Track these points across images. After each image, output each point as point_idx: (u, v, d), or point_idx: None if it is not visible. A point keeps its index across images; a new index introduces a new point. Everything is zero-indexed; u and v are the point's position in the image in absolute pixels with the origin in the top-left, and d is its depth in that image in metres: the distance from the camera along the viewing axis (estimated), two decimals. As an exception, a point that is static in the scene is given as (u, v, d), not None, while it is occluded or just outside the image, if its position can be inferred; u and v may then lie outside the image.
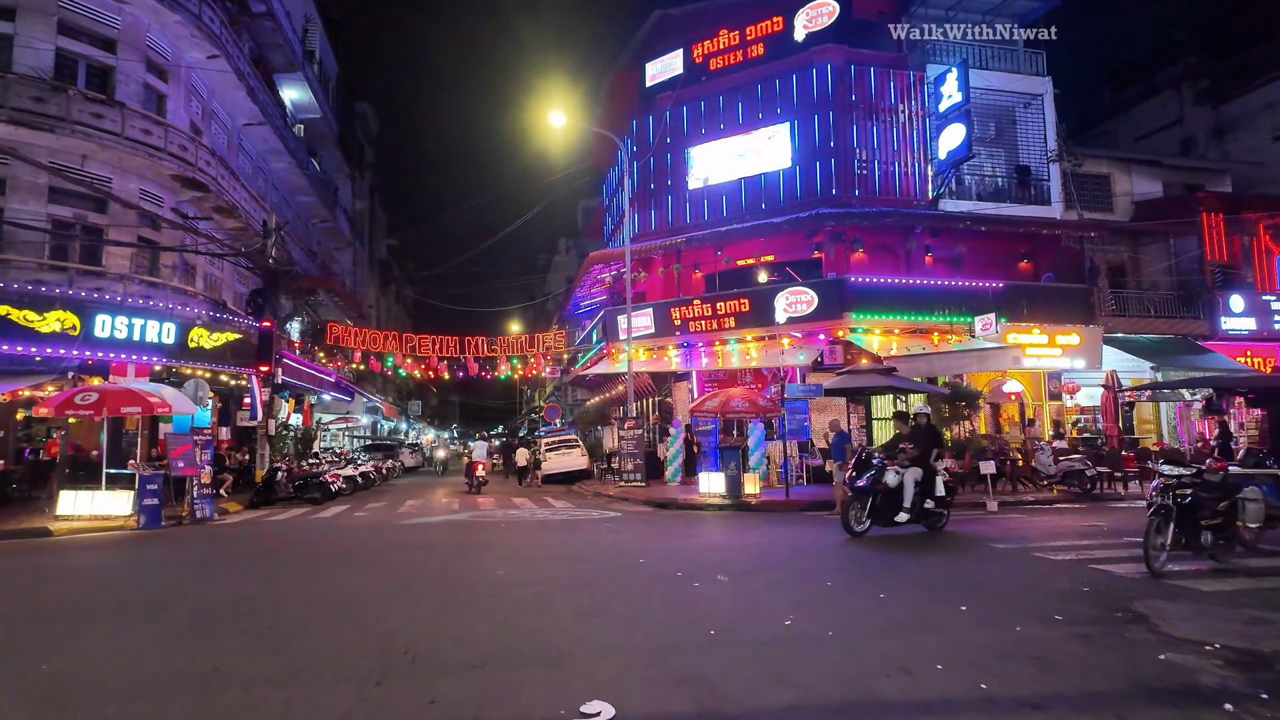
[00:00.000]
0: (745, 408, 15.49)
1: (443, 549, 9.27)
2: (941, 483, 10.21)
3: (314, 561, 8.66)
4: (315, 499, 17.95)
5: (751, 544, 9.40)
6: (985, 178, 22.10)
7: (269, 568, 8.24)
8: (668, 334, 21.16)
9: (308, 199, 32.58)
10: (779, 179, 21.50)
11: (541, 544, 9.65)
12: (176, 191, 19.92)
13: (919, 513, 9.78)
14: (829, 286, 18.89)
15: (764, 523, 12.11)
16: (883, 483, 9.53)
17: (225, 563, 8.70)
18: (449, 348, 22.55)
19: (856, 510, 9.64)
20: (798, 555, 8.40)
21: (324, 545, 10.16)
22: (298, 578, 7.54)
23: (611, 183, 30.28)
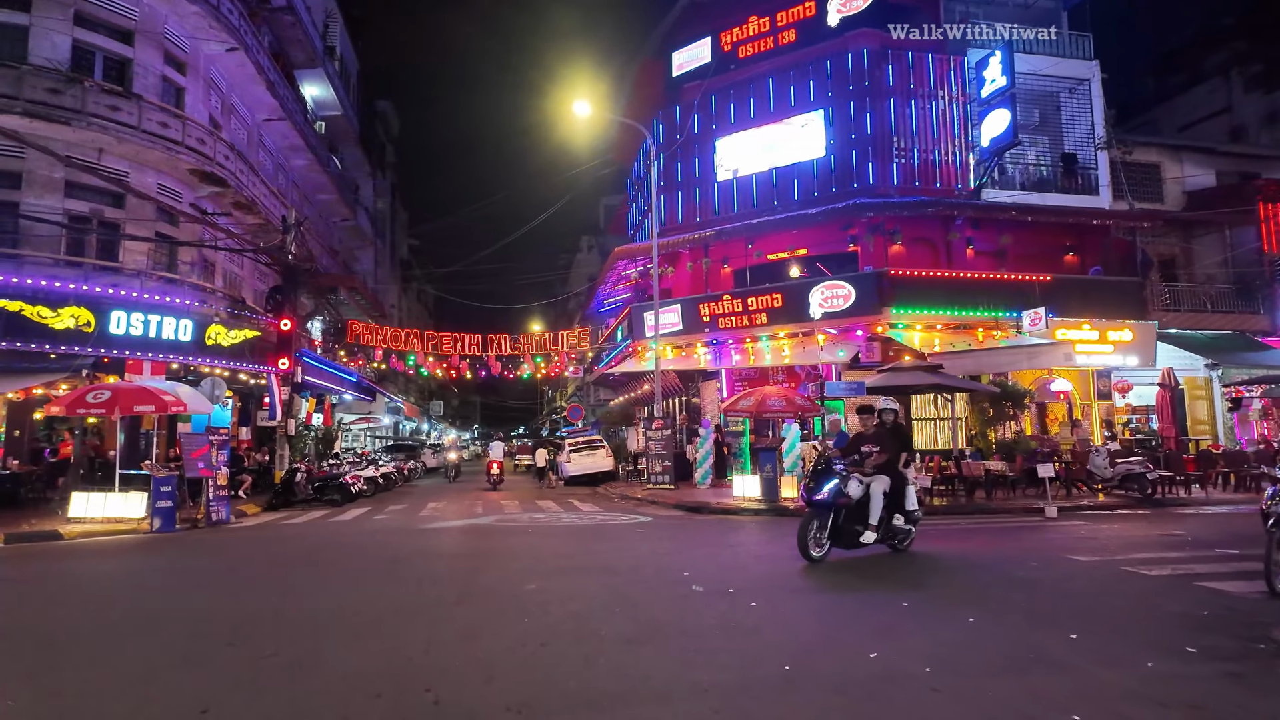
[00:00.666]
0: (782, 407, 14.70)
1: (466, 558, 8.60)
2: (913, 494, 8.43)
3: (328, 571, 8.03)
4: (335, 501, 17.42)
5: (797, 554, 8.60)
6: (1029, 166, 21.09)
7: (279, 578, 7.62)
8: (696, 331, 20.41)
9: (329, 197, 32.26)
10: (812, 169, 20.67)
11: (572, 553, 8.94)
12: (194, 186, 19.52)
13: (886, 530, 8.02)
14: (867, 280, 18.03)
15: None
16: (846, 495, 7.71)
17: (234, 572, 8.10)
18: (471, 346, 22.00)
19: (815, 529, 7.71)
20: (856, 568, 7.61)
21: (340, 553, 9.54)
22: (309, 591, 6.90)
23: (636, 176, 29.59)
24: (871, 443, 8.22)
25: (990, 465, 14.77)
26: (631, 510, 15.03)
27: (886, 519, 7.95)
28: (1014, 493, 15.09)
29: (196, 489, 14.33)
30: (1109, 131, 21.04)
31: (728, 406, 15.44)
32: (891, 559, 8.07)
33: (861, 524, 7.80)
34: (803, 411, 14.99)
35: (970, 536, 10.17)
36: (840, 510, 7.73)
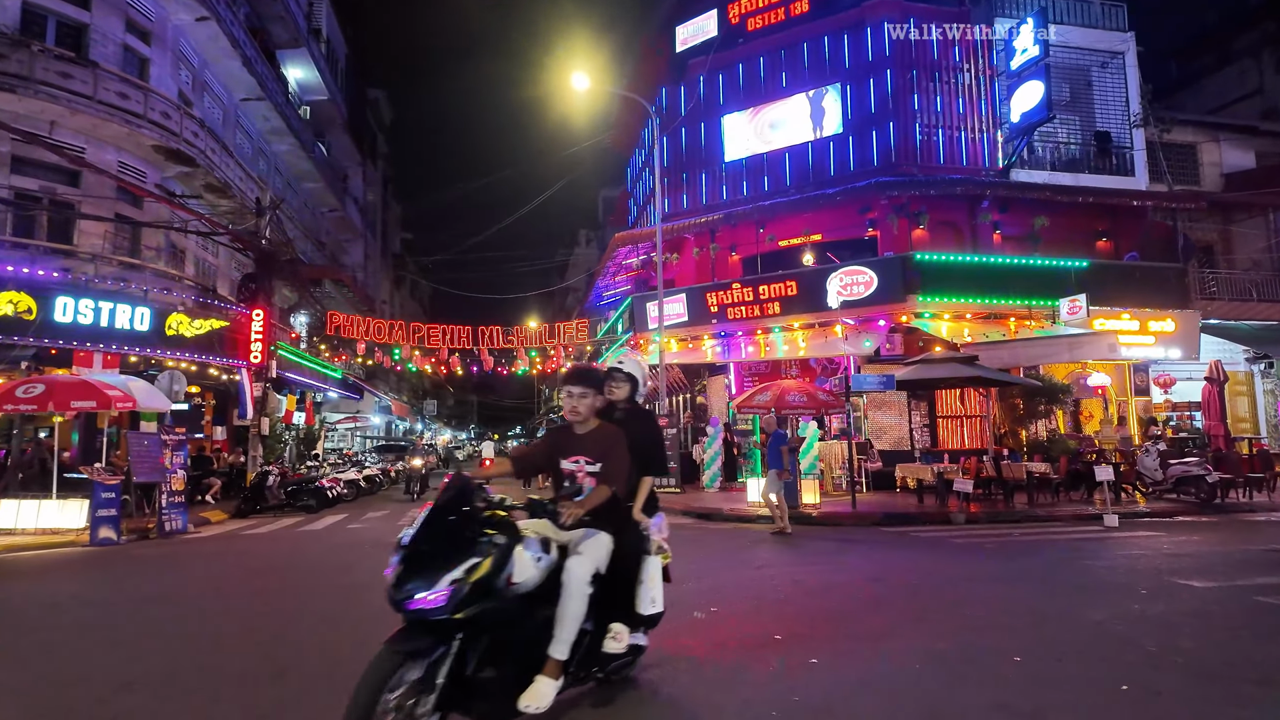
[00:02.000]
0: (803, 402, 13.24)
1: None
2: (657, 573, 3.92)
3: (274, 601, 6.55)
4: (309, 507, 15.92)
5: (853, 578, 7.12)
6: (1060, 145, 19.64)
7: (210, 614, 6.12)
8: (703, 322, 18.94)
9: (315, 185, 30.77)
10: (828, 148, 19.21)
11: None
12: (161, 166, 18.03)
13: (584, 661, 3.46)
14: (890, 265, 16.57)
15: (843, 542, 9.83)
16: (498, 590, 2.98)
17: (158, 604, 6.59)
18: (461, 339, 20.49)
19: (400, 696, 2.78)
20: (940, 599, 6.13)
21: (293, 575, 8.05)
22: (240, 632, 5.43)
23: (636, 164, 28.13)
24: (583, 454, 3.69)
25: (1033, 467, 13.32)
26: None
27: (598, 636, 3.52)
28: (1058, 497, 13.65)
29: (153, 495, 12.85)
30: (1145, 108, 19.61)
31: (742, 402, 13.97)
32: (990, 593, 6.57)
33: (532, 659, 3.19)
34: (826, 407, 13.54)
35: (1034, 551, 8.70)
36: (480, 634, 2.96)
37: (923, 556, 8.30)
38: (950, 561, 7.97)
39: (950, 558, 8.24)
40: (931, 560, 8.06)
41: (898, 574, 7.13)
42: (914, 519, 12.10)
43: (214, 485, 17.05)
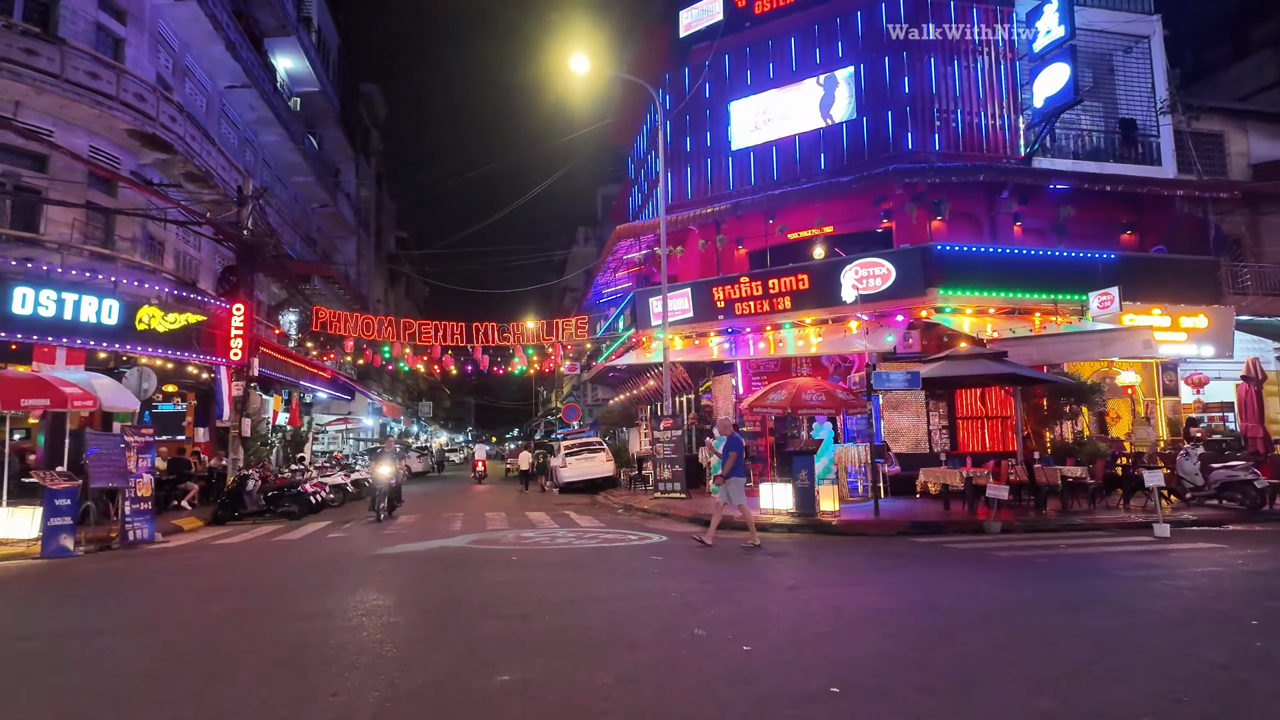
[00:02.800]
0: (820, 401, 12.29)
1: (419, 611, 6.12)
2: None
3: (217, 635, 5.56)
4: (291, 514, 14.93)
5: (901, 603, 6.13)
6: (1083, 133, 18.71)
7: (132, 654, 5.11)
8: (709, 318, 17.98)
9: (305, 179, 29.81)
10: (841, 134, 18.28)
11: (567, 601, 6.40)
12: (137, 152, 17.07)
13: None
14: (909, 257, 15.63)
15: (875, 556, 8.85)
16: None
17: (75, 639, 5.56)
18: (454, 336, 19.49)
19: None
20: (1017, 633, 5.15)
21: (255, 597, 7.07)
22: (159, 680, 4.44)
23: (639, 153, 27.18)
24: None
25: (1067, 471, 12.37)
26: (639, 525, 12.60)
27: None
28: (1095, 503, 12.69)
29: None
30: (1173, 94, 18.69)
31: (754, 402, 12.98)
32: (1068, 622, 5.57)
33: None
34: (846, 407, 12.58)
35: (1096, 568, 7.74)
36: None
37: (973, 575, 7.34)
38: (1007, 581, 7.01)
39: (1005, 577, 7.28)
40: (985, 580, 7.09)
41: (952, 597, 6.16)
42: (943, 528, 11.13)
43: (191, 490, 16.06)
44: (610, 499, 18.14)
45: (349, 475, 19.04)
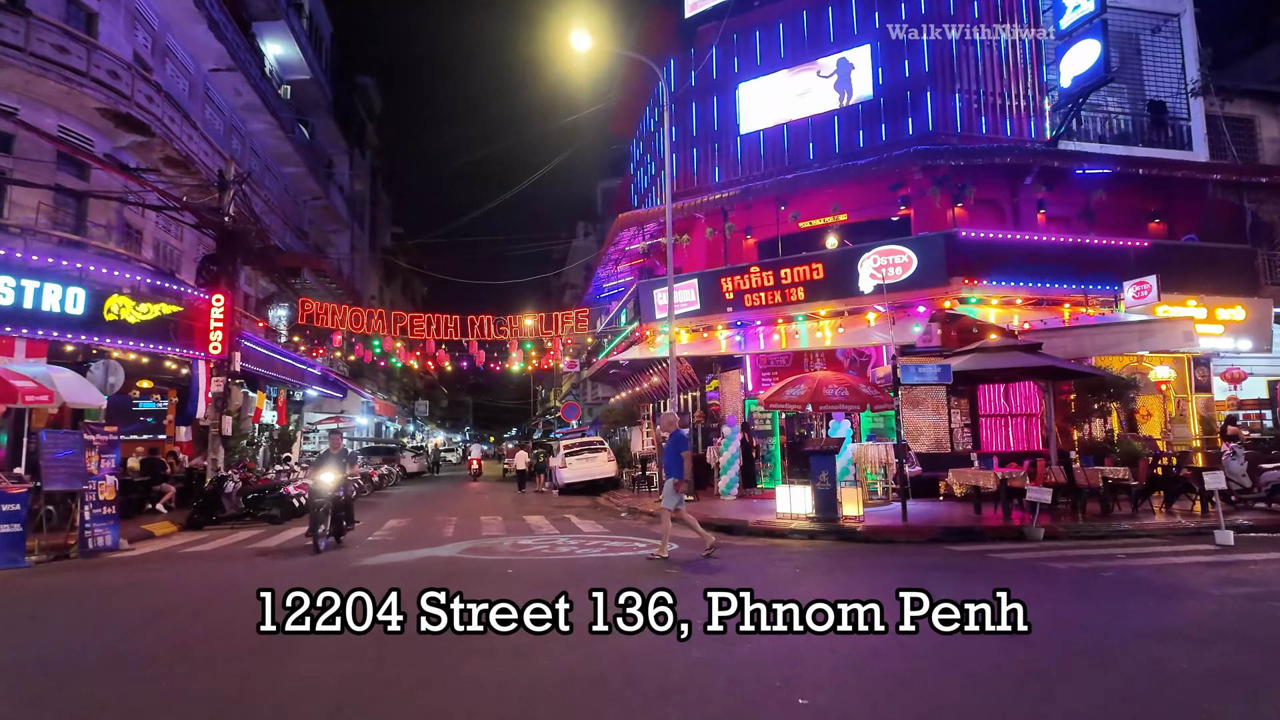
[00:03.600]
0: (844, 396, 11.34)
1: (398, 649, 5.16)
2: None
3: (151, 671, 4.62)
4: (273, 517, 13.99)
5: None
6: (1110, 116, 17.80)
7: (29, 706, 4.17)
8: (716, 311, 17.06)
9: (295, 169, 28.82)
10: (856, 116, 17.34)
11: (576, 633, 5.43)
12: (111, 134, 16.11)
13: None
14: (932, 244, 14.70)
15: (916, 569, 7.88)
16: None
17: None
18: (449, 329, 18.49)
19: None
20: (1137, 677, 4.19)
21: (207, 621, 6.12)
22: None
23: (641, 140, 26.19)
24: None
25: (1109, 471, 11.43)
26: (645, 531, 11.64)
27: None
28: (1137, 507, 11.75)
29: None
30: (1205, 75, 17.77)
31: (771, 398, 12.02)
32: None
33: None
34: (872, 403, 11.62)
35: (1174, 584, 6.79)
36: None
37: (1037, 593, 6.36)
38: (1080, 600, 6.07)
39: (1075, 594, 6.34)
40: (1055, 599, 6.13)
41: (1035, 625, 5.21)
42: (980, 534, 10.20)
43: (167, 492, 15.12)
44: (613, 501, 17.19)
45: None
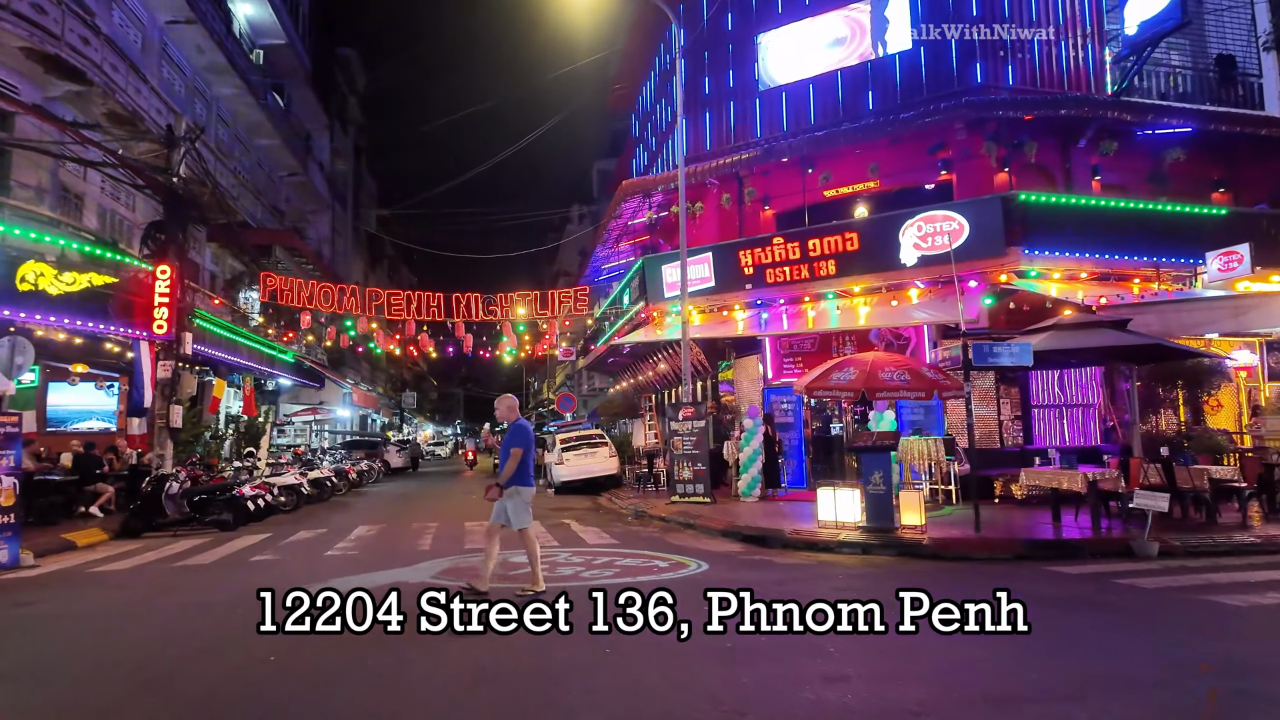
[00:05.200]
0: (904, 382, 9.43)
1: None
2: None
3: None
4: (223, 522, 12.00)
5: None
6: (1173, 71, 15.94)
7: None
8: (734, 288, 15.15)
9: (269, 142, 26.67)
10: (893, 67, 15.40)
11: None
12: (41, 80, 14.06)
13: None
14: (987, 209, 12.80)
15: (1039, 605, 5.98)
16: None
17: None
18: (431, 309, 16.44)
19: None
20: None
21: (51, 694, 4.16)
22: None
23: (645, 104, 24.18)
24: None
25: (1217, 472, 9.58)
26: (660, 542, 9.71)
27: None
28: (1246, 513, 9.89)
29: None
30: (1278, 27, 15.91)
31: (813, 384, 10.06)
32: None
33: None
34: (939, 389, 9.70)
35: None
36: None
37: (1237, 648, 4.49)
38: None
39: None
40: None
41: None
42: (1076, 550, 8.31)
43: (104, 493, 13.11)
44: (616, 502, 15.27)
45: (306, 474, 16.08)
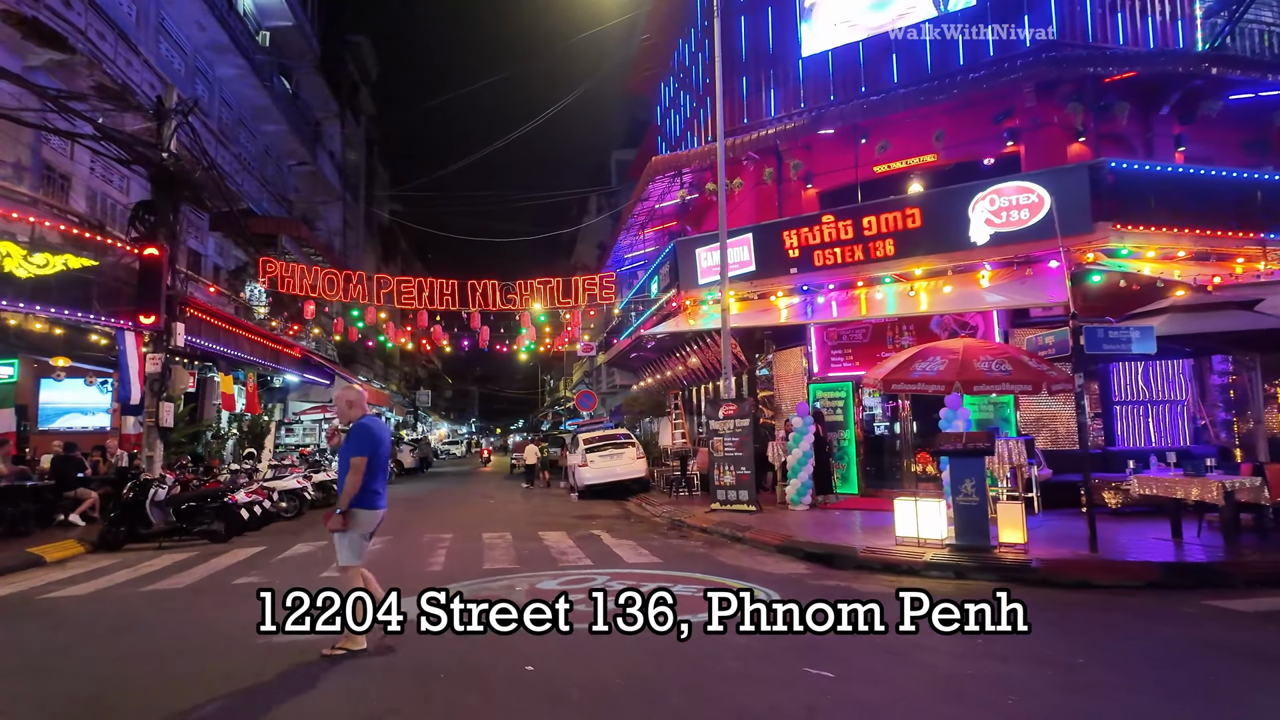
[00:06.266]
0: (1006, 374, 7.98)
1: None
2: None
3: None
4: (214, 533, 10.76)
5: None
6: (1267, 29, 14.27)
7: None
8: (777, 273, 13.71)
9: (276, 127, 25.54)
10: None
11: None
12: (19, 47, 12.88)
13: None
14: (1072, 179, 11.27)
15: (1194, 649, 4.57)
16: None
17: None
18: (445, 296, 15.09)
19: None
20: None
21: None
22: None
23: (673, 78, 22.73)
24: None
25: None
26: (709, 560, 8.32)
27: None
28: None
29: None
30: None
31: (891, 376, 8.57)
32: None
33: None
34: (1047, 382, 8.22)
35: None
36: None
37: None
38: None
39: None
40: None
41: None
42: (1225, 577, 6.82)
43: (86, 499, 11.93)
44: (647, 509, 13.91)
45: (310, 477, 14.84)
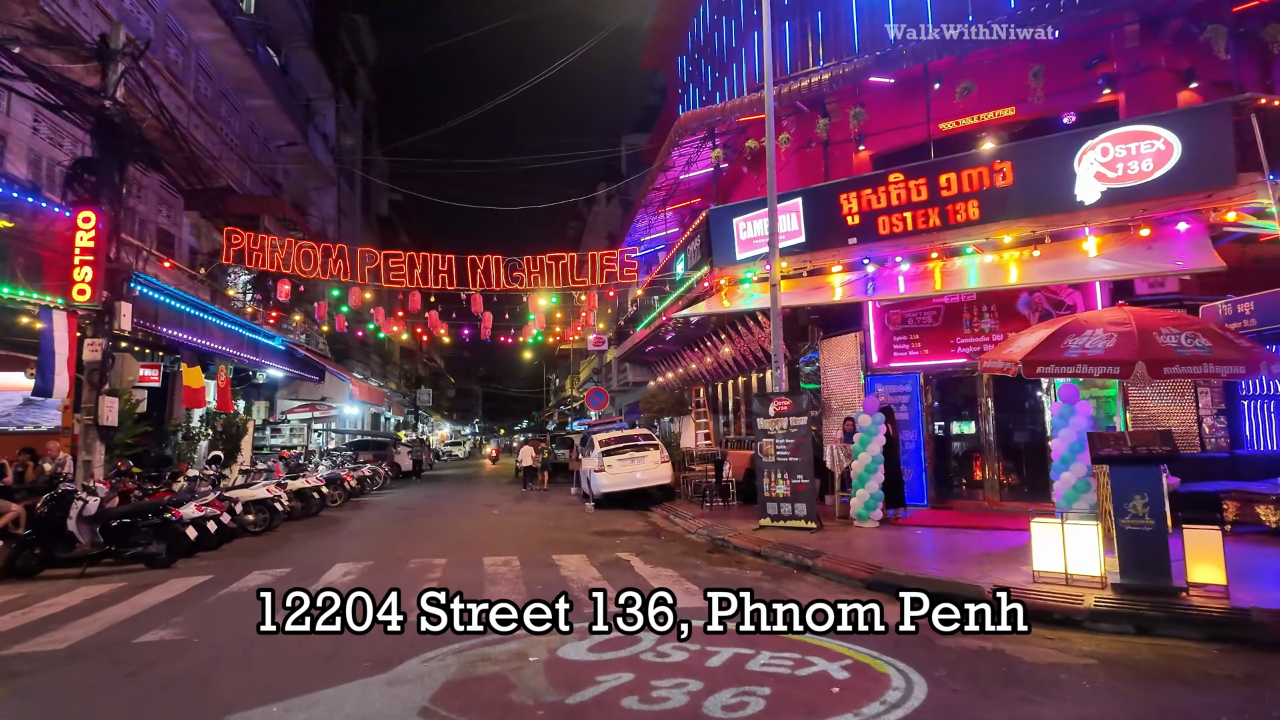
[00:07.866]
0: (1207, 353, 5.83)
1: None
2: None
3: None
4: (153, 556, 8.71)
5: None
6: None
7: None
8: (833, 244, 11.61)
9: (263, 102, 23.50)
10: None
11: None
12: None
13: None
14: (1208, 120, 9.16)
15: None
16: None
17: None
18: (441, 274, 12.92)
19: None
20: None
21: None
22: None
23: (697, 36, 20.64)
24: None
25: None
26: (775, 595, 6.19)
27: None
28: None
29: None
30: None
31: (1034, 355, 6.41)
32: None
33: None
34: (1266, 363, 6.13)
35: None
36: None
37: None
38: None
39: None
40: None
41: None
42: None
43: (8, 513, 9.85)
44: (676, 521, 11.83)
45: (285, 485, 12.75)
